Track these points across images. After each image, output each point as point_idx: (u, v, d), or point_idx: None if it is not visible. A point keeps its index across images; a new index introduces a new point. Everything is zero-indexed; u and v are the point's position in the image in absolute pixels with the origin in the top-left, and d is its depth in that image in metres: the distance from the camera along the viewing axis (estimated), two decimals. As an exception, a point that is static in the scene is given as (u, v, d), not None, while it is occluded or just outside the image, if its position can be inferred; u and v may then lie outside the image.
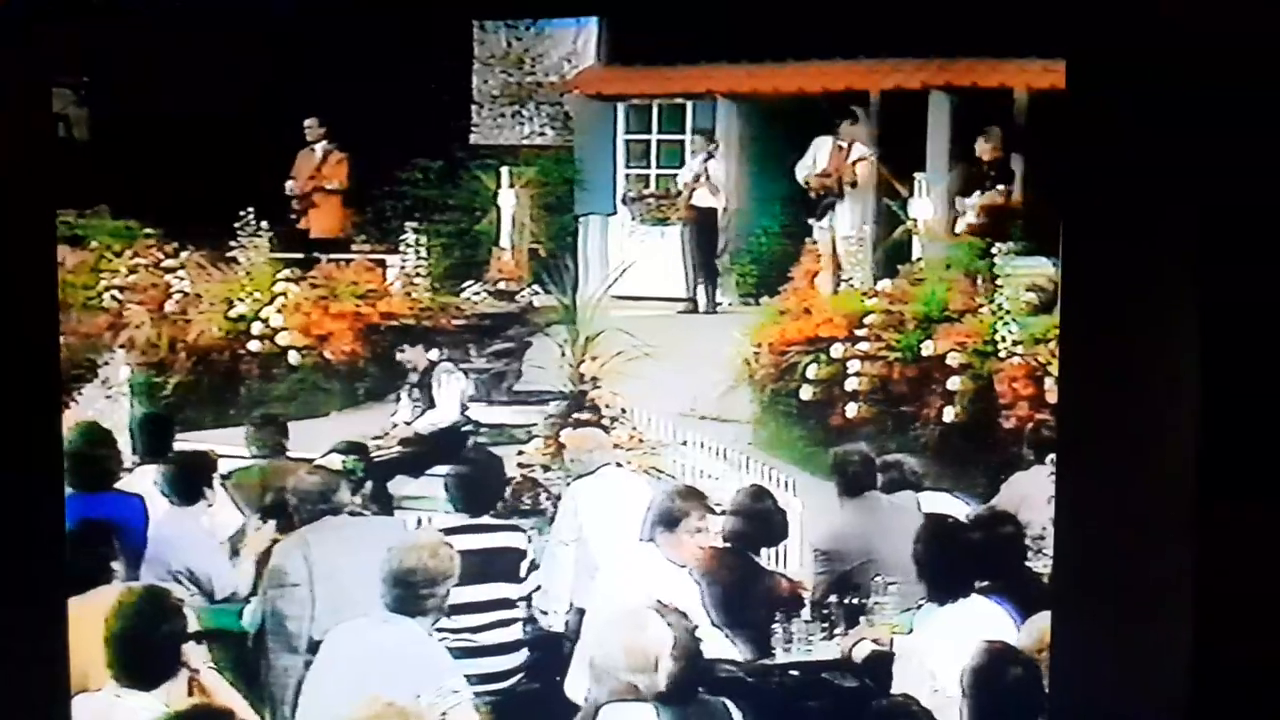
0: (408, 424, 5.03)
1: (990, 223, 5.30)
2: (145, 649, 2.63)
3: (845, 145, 5.80)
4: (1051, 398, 4.34)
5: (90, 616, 2.74)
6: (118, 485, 3.77)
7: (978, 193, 5.40)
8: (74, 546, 2.93)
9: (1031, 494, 3.69)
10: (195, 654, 2.75)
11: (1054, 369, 4.27)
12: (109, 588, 3.00)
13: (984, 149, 5.45)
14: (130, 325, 5.52)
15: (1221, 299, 2.57)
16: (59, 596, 2.73)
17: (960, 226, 5.41)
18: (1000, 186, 5.40)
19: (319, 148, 5.94)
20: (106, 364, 5.20)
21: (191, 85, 5.06)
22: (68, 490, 3.14)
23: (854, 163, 5.77)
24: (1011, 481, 4.11)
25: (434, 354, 5.16)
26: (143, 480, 3.86)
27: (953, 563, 3.03)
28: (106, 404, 4.95)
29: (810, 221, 5.88)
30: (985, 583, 3.12)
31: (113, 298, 5.62)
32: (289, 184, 5.92)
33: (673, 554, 3.30)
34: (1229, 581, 2.58)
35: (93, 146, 5.85)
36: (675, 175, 6.30)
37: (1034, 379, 4.63)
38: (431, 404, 5.02)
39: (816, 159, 5.84)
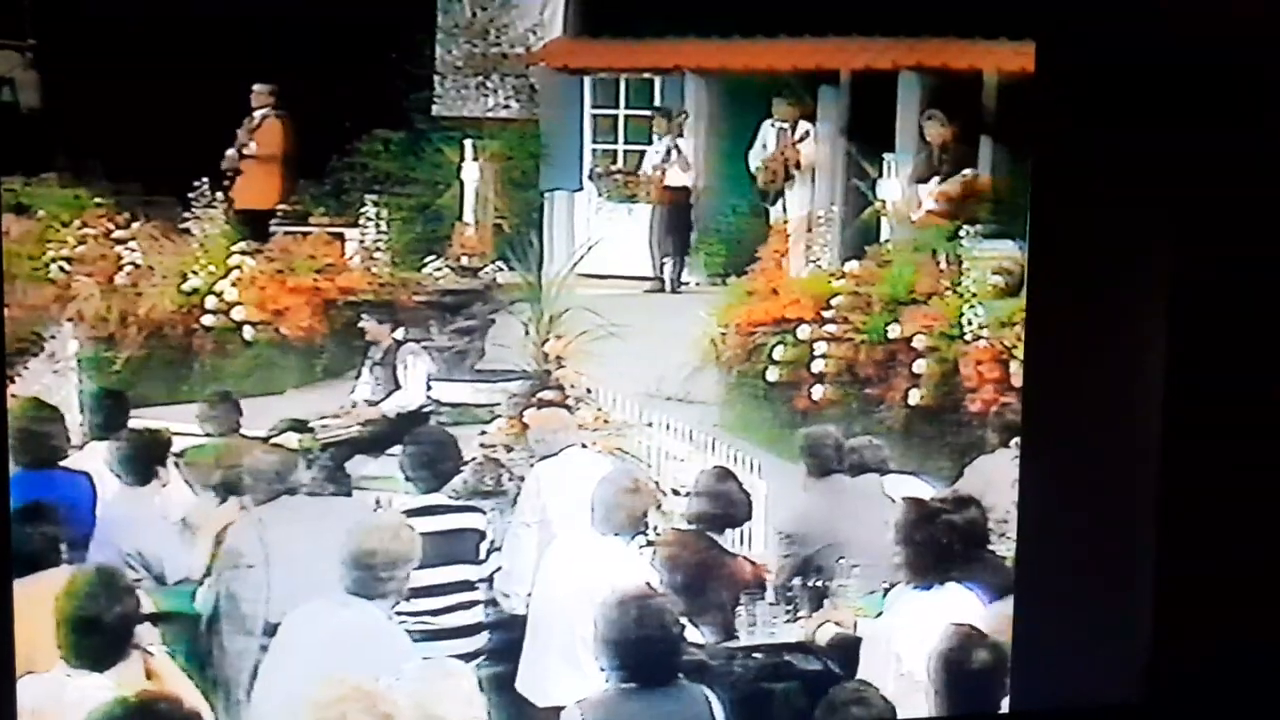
0: (370, 402, 4.94)
1: (949, 208, 5.31)
2: (97, 630, 2.56)
3: (789, 126, 5.79)
4: (1017, 382, 4.37)
5: (36, 598, 2.65)
6: (64, 463, 3.65)
7: (935, 178, 5.41)
8: (18, 526, 2.83)
9: (995, 478, 3.71)
10: (147, 636, 2.69)
11: (1019, 353, 4.28)
12: (55, 569, 2.91)
13: (936, 133, 5.45)
14: (79, 298, 5.35)
15: (1187, 284, 2.57)
16: (3, 577, 2.64)
17: (919, 213, 5.41)
18: (964, 171, 5.41)
19: (258, 114, 5.78)
20: (53, 338, 5.04)
21: (145, 50, 4.90)
22: (12, 468, 3.03)
23: (798, 143, 5.76)
24: (975, 465, 4.14)
25: (399, 333, 5.07)
26: (91, 458, 3.75)
27: (933, 548, 3.03)
28: (53, 379, 4.80)
29: (766, 206, 5.87)
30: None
31: (60, 269, 5.45)
32: (227, 152, 5.77)
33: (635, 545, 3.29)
34: (1189, 563, 2.61)
35: (41, 111, 5.66)
36: (642, 152, 6.23)
37: (999, 363, 4.65)
38: (396, 384, 4.93)
39: (766, 144, 5.83)
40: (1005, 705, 2.67)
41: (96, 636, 2.57)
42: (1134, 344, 2.68)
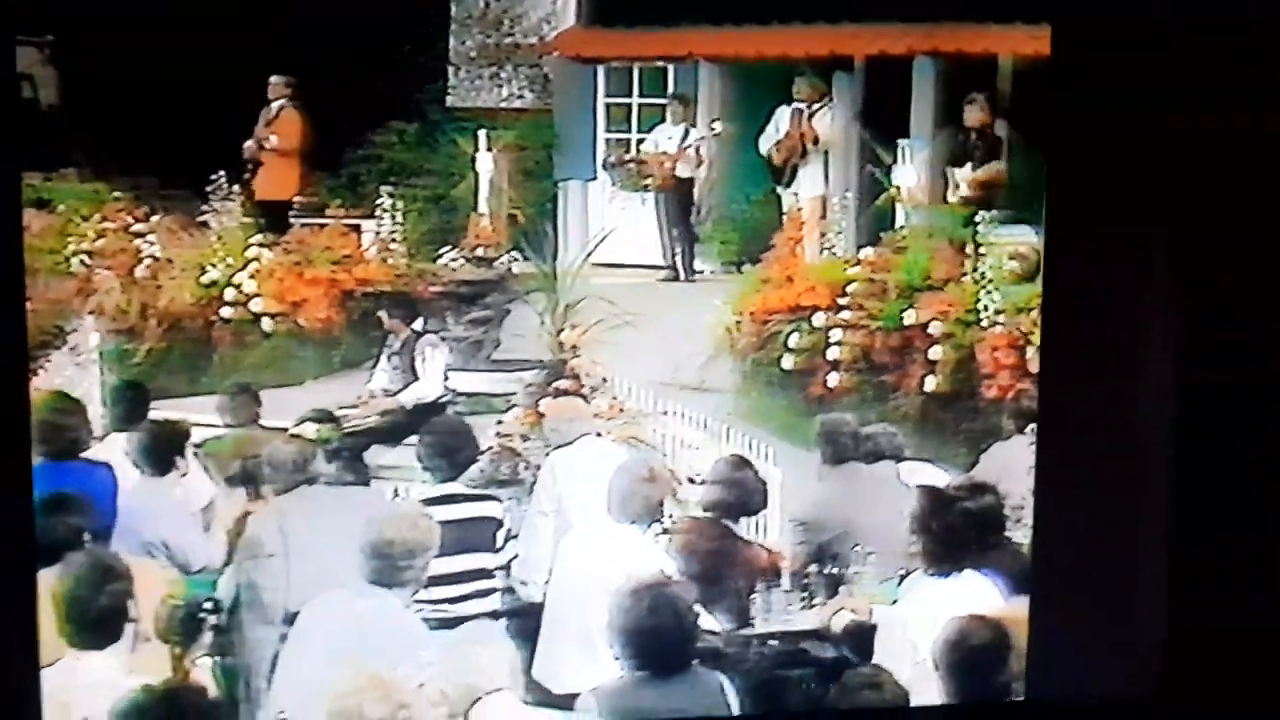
0: (387, 392, 4.97)
1: (986, 194, 5.26)
2: (91, 609, 2.61)
3: (804, 106, 5.77)
4: (1033, 367, 4.34)
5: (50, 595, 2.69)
6: (85, 454, 3.70)
7: (969, 164, 5.37)
8: (41, 517, 2.87)
9: (1011, 464, 3.69)
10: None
11: (1036, 339, 4.26)
12: (64, 564, 2.94)
13: (972, 116, 5.41)
14: (99, 291, 5.41)
15: (1204, 271, 2.55)
16: (28, 567, 2.68)
17: (953, 197, 5.36)
18: (991, 157, 5.36)
19: (275, 105, 5.80)
20: (75, 331, 5.10)
21: (163, 44, 4.92)
22: (35, 459, 3.07)
23: (812, 117, 5.74)
24: (991, 452, 4.12)
25: (417, 324, 5.09)
26: (112, 449, 3.80)
27: (949, 535, 3.03)
28: (75, 371, 4.86)
29: (779, 190, 5.85)
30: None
31: (81, 263, 5.50)
32: (246, 144, 5.80)
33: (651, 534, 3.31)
34: (1204, 551, 2.59)
35: (60, 107, 5.71)
36: (652, 138, 6.21)
37: (1016, 349, 4.63)
38: (413, 374, 4.96)
39: (778, 127, 5.81)
40: (1020, 694, 2.66)
41: (92, 615, 2.61)
42: (1150, 330, 2.66)
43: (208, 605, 2.90)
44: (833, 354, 5.06)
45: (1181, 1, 2.45)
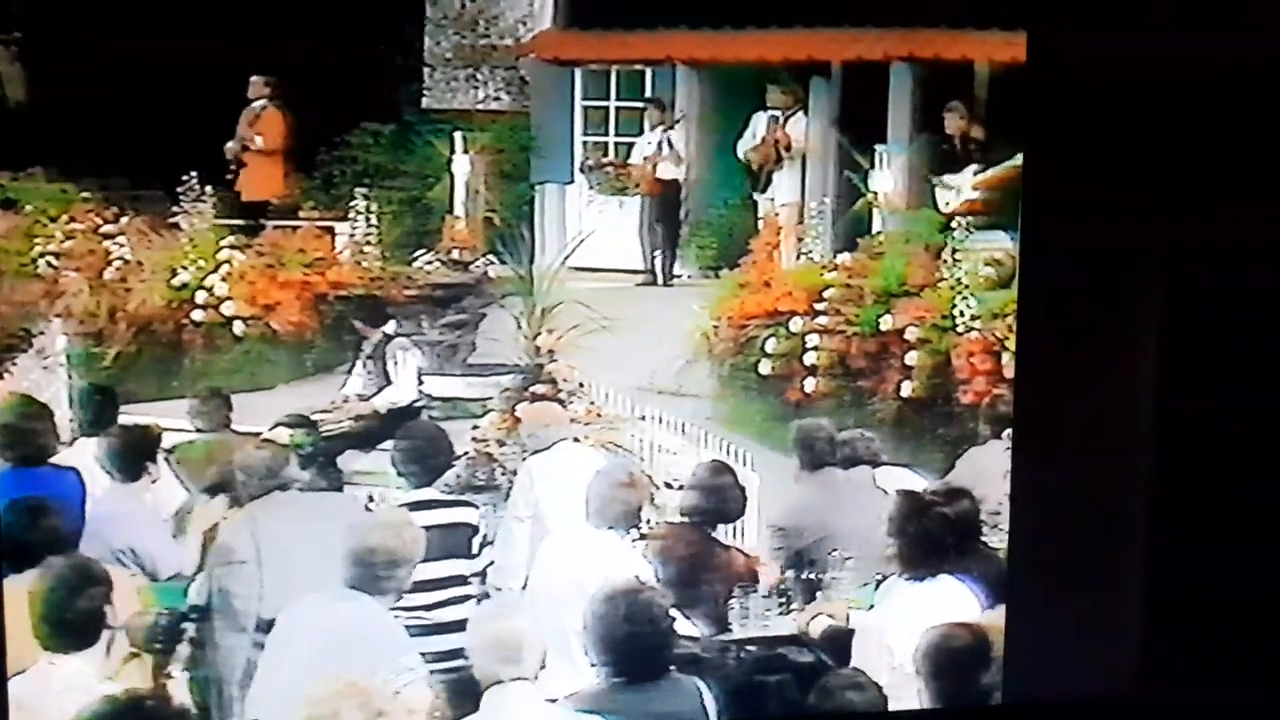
0: (361, 397, 4.93)
1: (995, 197, 5.24)
2: (69, 612, 2.57)
3: (780, 114, 5.80)
4: (1009, 373, 4.38)
5: (26, 596, 2.64)
6: (53, 460, 3.63)
7: (972, 167, 5.37)
8: (7, 524, 2.82)
9: (987, 469, 3.71)
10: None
11: (1011, 344, 4.29)
12: (45, 565, 2.89)
13: (956, 125, 5.44)
14: (67, 293, 5.33)
15: (1180, 275, 2.57)
16: (-7, 575, 2.63)
17: (954, 204, 5.35)
18: (1008, 160, 5.34)
19: (257, 105, 5.76)
20: (42, 334, 5.02)
21: (133, 43, 4.86)
22: (0, 465, 3.02)
23: (786, 124, 5.77)
24: (967, 456, 4.14)
25: (389, 327, 5.05)
26: (81, 455, 3.73)
27: (925, 540, 3.04)
28: (42, 375, 4.78)
29: (755, 196, 5.87)
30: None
31: (48, 264, 5.42)
32: (228, 144, 5.75)
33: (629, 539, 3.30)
34: (1181, 554, 2.62)
35: (27, 106, 5.63)
36: (632, 145, 6.22)
37: (991, 354, 4.66)
38: (387, 379, 4.92)
39: (756, 133, 5.83)
40: (997, 698, 2.67)
41: (70, 619, 2.57)
42: (1126, 335, 2.68)
43: (191, 615, 2.87)
44: (810, 359, 5.08)
45: (1158, 7, 2.47)
